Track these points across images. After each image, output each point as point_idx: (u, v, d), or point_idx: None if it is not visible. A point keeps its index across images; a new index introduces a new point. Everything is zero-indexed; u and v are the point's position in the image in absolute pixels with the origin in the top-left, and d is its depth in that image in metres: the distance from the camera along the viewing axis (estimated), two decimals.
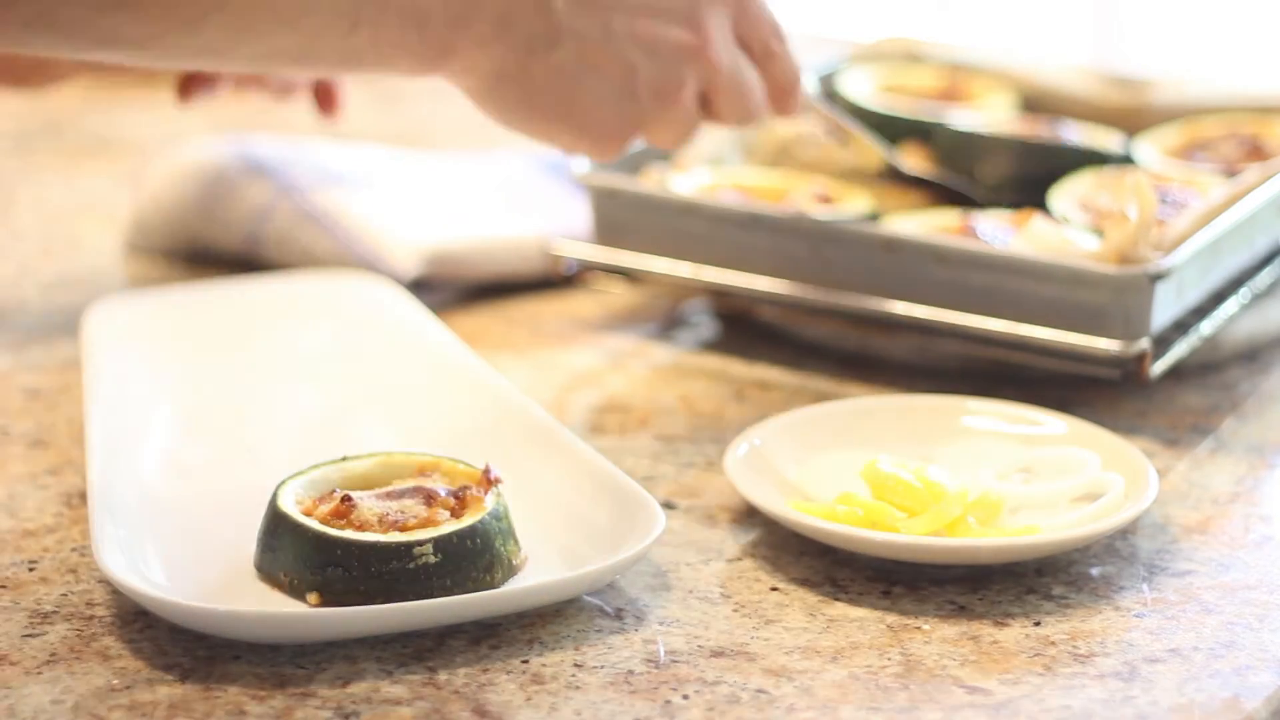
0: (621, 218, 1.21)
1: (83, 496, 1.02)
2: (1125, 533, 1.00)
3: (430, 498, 0.93)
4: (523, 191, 1.37)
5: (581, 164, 1.22)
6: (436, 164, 1.41)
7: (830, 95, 1.39)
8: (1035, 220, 1.16)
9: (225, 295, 1.21)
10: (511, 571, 0.93)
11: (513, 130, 1.08)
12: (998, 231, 1.18)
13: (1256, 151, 1.29)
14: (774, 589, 0.95)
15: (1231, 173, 1.25)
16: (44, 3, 0.90)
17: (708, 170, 1.26)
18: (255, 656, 0.88)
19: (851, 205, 1.23)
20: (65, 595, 0.94)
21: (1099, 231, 1.16)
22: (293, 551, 0.91)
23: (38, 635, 0.90)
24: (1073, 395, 1.14)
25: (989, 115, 1.36)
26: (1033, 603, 0.94)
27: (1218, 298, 1.16)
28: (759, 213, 1.17)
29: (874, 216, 1.22)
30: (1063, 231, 1.15)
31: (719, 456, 1.07)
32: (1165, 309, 1.11)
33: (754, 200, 1.22)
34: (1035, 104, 1.40)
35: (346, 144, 1.46)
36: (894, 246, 1.14)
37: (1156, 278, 1.08)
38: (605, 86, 1.05)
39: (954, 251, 1.13)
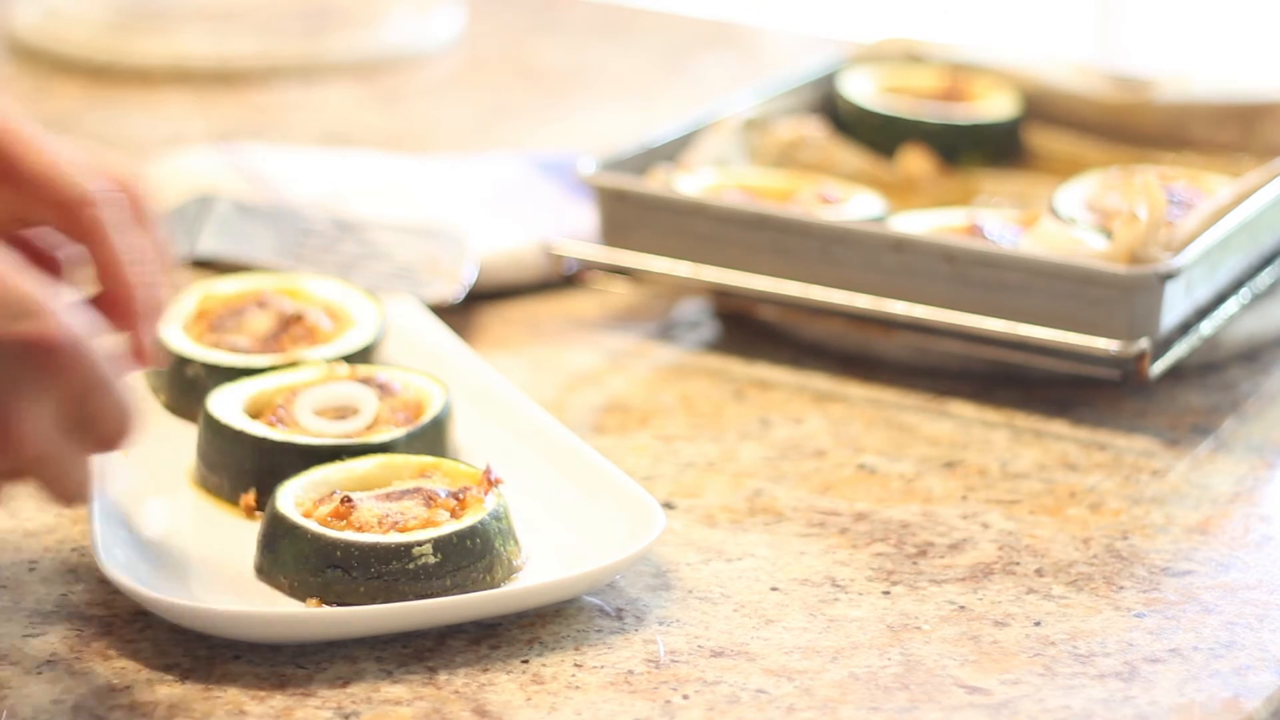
0: (628, 218, 1.21)
1: None
2: (1125, 532, 1.00)
3: (430, 499, 0.93)
4: (518, 194, 1.37)
5: (587, 164, 1.22)
6: (430, 169, 1.41)
7: (831, 96, 1.39)
8: (1044, 220, 1.16)
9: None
10: (511, 571, 0.93)
11: None
12: (1006, 231, 1.18)
13: None
14: (774, 589, 0.95)
15: None
16: None
17: (712, 171, 1.26)
18: (255, 656, 0.88)
19: (859, 205, 1.23)
20: (65, 595, 0.94)
21: (1106, 232, 1.17)
22: (292, 553, 0.91)
23: (38, 635, 0.90)
24: (1073, 395, 1.14)
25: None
26: (1033, 603, 0.94)
27: (1223, 297, 1.16)
28: (768, 213, 1.17)
29: (881, 217, 1.22)
30: (1071, 231, 1.15)
31: (719, 456, 1.07)
32: (1174, 308, 1.11)
33: (761, 200, 1.22)
34: (1037, 104, 1.40)
35: (343, 152, 1.46)
36: (903, 246, 1.14)
37: (1166, 277, 1.09)
38: None
39: (964, 251, 1.13)
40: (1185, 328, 1.13)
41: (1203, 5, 3.19)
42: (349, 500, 0.92)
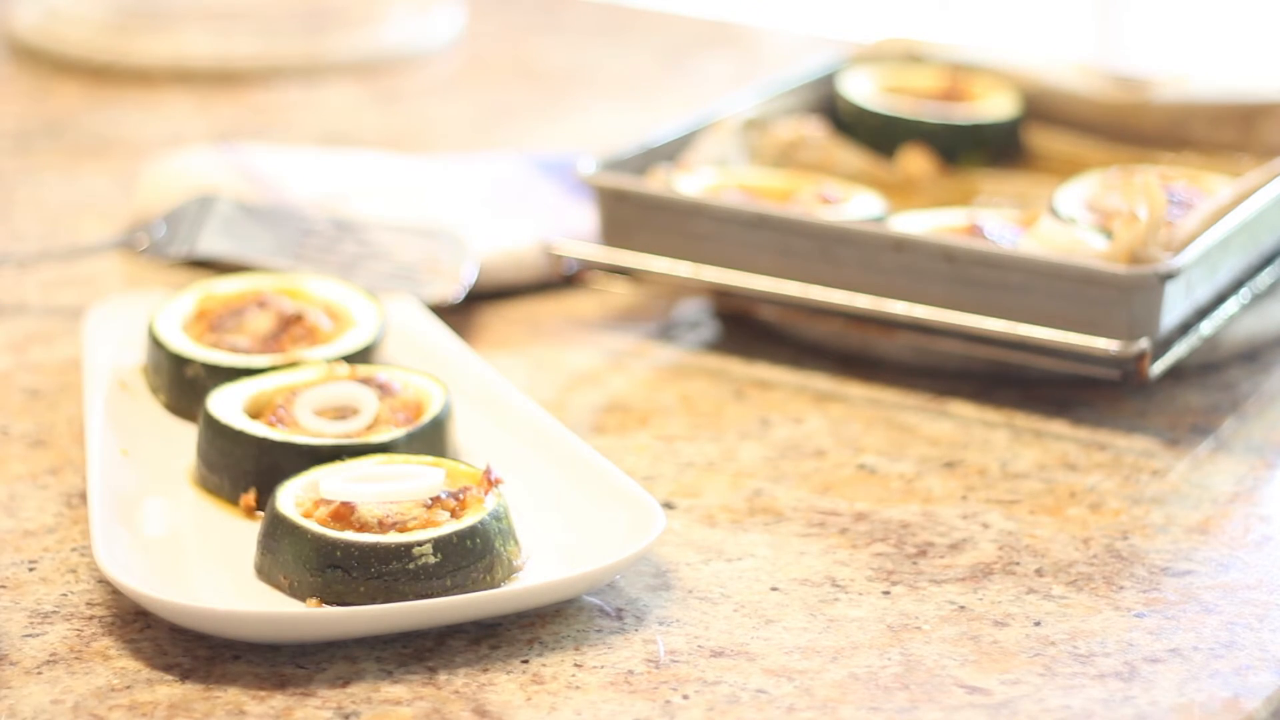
0: (628, 218, 1.21)
1: (83, 496, 1.02)
2: (1125, 532, 1.00)
3: (431, 499, 0.93)
4: (518, 194, 1.37)
5: (587, 164, 1.22)
6: (430, 169, 1.41)
7: (831, 96, 1.39)
8: (1044, 220, 1.16)
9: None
10: (511, 571, 0.93)
11: None
12: (1005, 231, 1.18)
13: None
14: (774, 589, 0.95)
15: None
16: None
17: (713, 171, 1.26)
18: (255, 656, 0.88)
19: (859, 205, 1.23)
20: (65, 595, 0.94)
21: (1106, 232, 1.17)
22: (292, 553, 0.91)
23: (38, 635, 0.90)
24: (1073, 395, 1.14)
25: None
26: (1033, 603, 0.94)
27: (1223, 297, 1.16)
28: (768, 213, 1.17)
29: (881, 217, 1.22)
30: (1071, 231, 1.15)
31: (719, 456, 1.07)
32: (1174, 308, 1.11)
33: (761, 200, 1.22)
34: (1037, 104, 1.40)
35: (343, 152, 1.46)
36: (903, 246, 1.14)
37: (1166, 277, 1.09)
38: None
39: (964, 251, 1.13)
40: (1185, 328, 1.13)
41: (1203, 5, 3.19)
42: (349, 500, 0.92)
